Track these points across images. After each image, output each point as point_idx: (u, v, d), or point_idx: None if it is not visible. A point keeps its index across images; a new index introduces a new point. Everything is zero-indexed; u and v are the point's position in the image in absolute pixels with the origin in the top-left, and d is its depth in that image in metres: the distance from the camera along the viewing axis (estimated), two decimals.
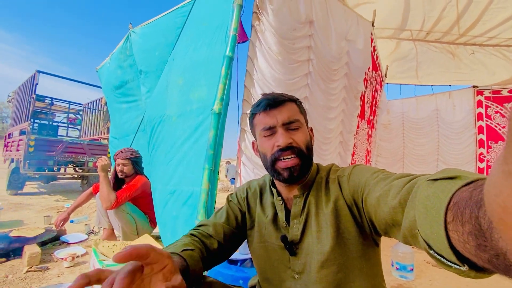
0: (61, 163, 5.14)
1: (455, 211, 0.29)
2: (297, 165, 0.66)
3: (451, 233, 0.30)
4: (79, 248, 2.17)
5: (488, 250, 0.24)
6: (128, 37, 2.67)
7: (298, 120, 0.69)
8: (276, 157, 0.67)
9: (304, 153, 0.67)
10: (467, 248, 0.27)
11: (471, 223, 0.26)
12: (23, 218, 3.24)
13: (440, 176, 0.36)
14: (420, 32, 3.24)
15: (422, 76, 4.59)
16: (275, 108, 0.69)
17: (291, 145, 0.66)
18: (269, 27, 1.68)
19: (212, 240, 0.71)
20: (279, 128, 0.68)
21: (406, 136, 5.31)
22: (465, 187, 0.31)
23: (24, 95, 5.58)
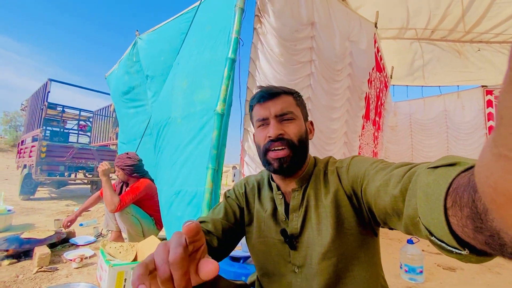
0: (72, 168, 5.26)
1: (454, 197, 0.29)
2: (287, 156, 0.67)
3: (451, 218, 0.30)
4: (87, 250, 2.21)
5: (484, 231, 0.24)
6: (135, 44, 2.75)
7: (291, 112, 0.70)
8: (267, 147, 0.68)
9: (295, 145, 0.68)
10: (465, 232, 0.28)
11: (469, 206, 0.26)
12: (35, 222, 3.32)
13: (440, 163, 0.37)
14: (425, 31, 3.22)
15: (429, 77, 4.54)
16: (269, 100, 0.70)
17: (281, 137, 0.67)
18: (270, 29, 1.71)
19: (212, 236, 0.72)
20: (272, 119, 0.69)
21: (414, 138, 5.24)
22: (464, 173, 0.31)
23: (37, 103, 5.76)
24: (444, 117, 4.87)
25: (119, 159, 2.28)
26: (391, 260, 2.34)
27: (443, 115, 4.88)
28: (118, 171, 2.28)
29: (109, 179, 2.10)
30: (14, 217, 3.08)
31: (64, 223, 2.35)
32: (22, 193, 4.86)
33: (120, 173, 2.28)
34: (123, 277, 1.54)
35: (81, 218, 3.60)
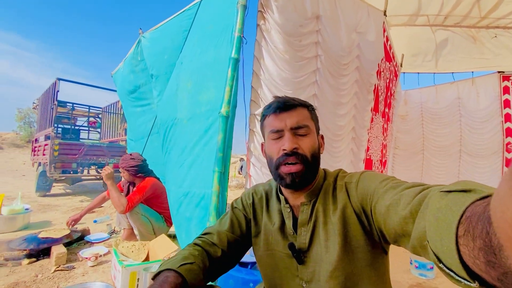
0: (84, 165, 5.40)
1: (467, 226, 0.28)
2: (300, 171, 0.65)
3: (461, 247, 0.29)
4: (101, 248, 2.29)
5: (497, 267, 0.23)
6: (139, 42, 2.73)
7: (307, 126, 0.68)
8: (280, 161, 0.67)
9: (308, 160, 0.66)
10: (477, 264, 0.26)
11: (482, 238, 0.25)
12: (51, 219, 3.45)
13: (454, 188, 0.35)
14: (438, 17, 3.06)
15: (442, 64, 4.36)
16: (285, 111, 0.69)
17: (296, 151, 0.66)
18: (274, 25, 1.66)
19: (216, 248, 0.73)
20: (287, 132, 0.67)
21: (426, 127, 5.09)
22: (479, 201, 0.30)
23: (47, 102, 5.88)
24: (458, 105, 4.69)
25: (123, 161, 2.32)
26: (402, 255, 2.33)
27: (457, 103, 4.71)
28: (123, 172, 2.32)
29: (114, 182, 2.14)
30: (32, 214, 3.21)
31: (69, 221, 2.43)
32: (38, 190, 5.04)
33: (125, 174, 2.32)
34: (136, 277, 1.59)
35: (94, 214, 3.72)
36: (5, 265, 1.89)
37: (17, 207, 2.90)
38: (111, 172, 2.15)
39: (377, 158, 3.41)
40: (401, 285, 1.88)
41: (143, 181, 2.28)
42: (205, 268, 0.66)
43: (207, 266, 0.68)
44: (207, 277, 0.67)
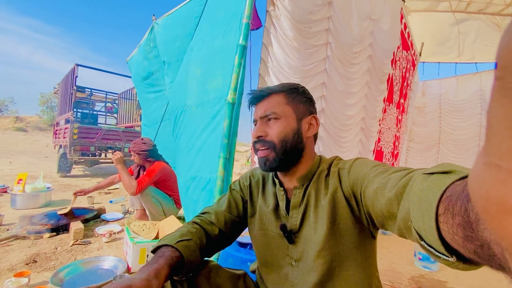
0: (101, 148, 5.63)
1: (447, 204, 0.30)
2: (268, 156, 0.69)
3: (441, 225, 0.31)
4: (116, 226, 2.43)
5: (473, 240, 0.25)
6: (152, 29, 2.76)
7: (274, 112, 0.70)
8: (255, 148, 0.73)
9: (275, 145, 0.69)
10: (455, 239, 0.28)
11: (461, 215, 0.26)
12: (71, 198, 3.65)
13: (435, 170, 0.37)
14: (460, 3, 2.89)
15: (464, 53, 4.13)
16: (258, 102, 0.74)
17: (262, 138, 0.70)
18: (284, 11, 1.64)
19: (214, 227, 0.77)
20: (259, 121, 0.73)
21: (443, 120, 4.90)
22: (459, 181, 0.31)
23: (67, 87, 6.10)
24: (479, 98, 4.46)
25: (135, 145, 2.42)
26: (407, 246, 2.33)
27: (478, 95, 4.48)
28: (134, 156, 2.42)
29: (124, 166, 2.25)
30: (53, 193, 3.42)
31: (77, 191, 2.52)
32: (59, 171, 5.32)
33: (136, 158, 2.42)
34: (146, 253, 1.70)
35: (110, 195, 3.91)
36: (28, 238, 2.05)
37: (39, 185, 3.10)
38: (121, 156, 2.26)
39: (389, 150, 3.35)
40: (404, 276, 1.89)
41: (152, 165, 2.38)
42: (201, 245, 0.71)
43: (204, 243, 0.72)
44: (203, 253, 0.72)
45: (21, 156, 9.87)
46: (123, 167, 2.23)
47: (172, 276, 0.63)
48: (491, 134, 0.14)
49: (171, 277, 0.62)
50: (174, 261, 0.61)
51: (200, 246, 0.70)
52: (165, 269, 0.58)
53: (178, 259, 0.62)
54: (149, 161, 2.44)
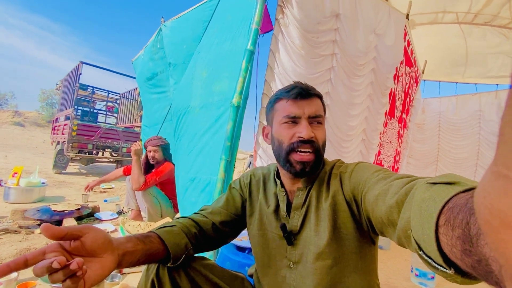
0: (99, 147, 5.60)
1: (448, 216, 0.30)
2: (311, 161, 0.66)
3: (441, 236, 0.30)
4: (109, 225, 2.39)
5: (472, 255, 0.24)
6: (160, 31, 2.80)
7: (321, 116, 0.70)
8: (294, 147, 0.66)
9: (320, 150, 0.68)
10: (453, 252, 0.28)
11: (461, 228, 0.26)
12: (65, 195, 3.61)
13: (439, 180, 0.37)
14: (467, 15, 2.92)
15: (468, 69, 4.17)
16: (305, 99, 0.68)
17: (312, 139, 0.66)
18: (293, 20, 1.67)
19: (207, 220, 0.76)
20: (304, 120, 0.67)
21: (442, 138, 4.94)
22: (463, 194, 0.31)
23: (70, 84, 6.12)
24: (478, 118, 4.53)
25: (158, 140, 2.41)
26: (403, 262, 2.30)
27: (477, 116, 4.54)
28: (155, 151, 2.39)
29: (139, 159, 2.24)
30: (47, 189, 3.38)
31: (89, 184, 2.62)
32: (55, 167, 5.27)
33: (159, 153, 2.40)
34: None
35: (105, 194, 3.86)
36: (19, 232, 2.01)
37: (34, 180, 3.06)
38: (140, 149, 2.26)
39: (389, 164, 3.35)
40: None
41: (163, 165, 2.36)
42: (190, 233, 0.70)
43: (193, 232, 0.72)
44: (196, 243, 0.71)
45: (16, 150, 9.78)
46: (138, 160, 2.24)
47: (161, 262, 0.65)
48: (501, 142, 0.13)
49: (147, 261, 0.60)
50: (149, 239, 0.60)
51: (187, 233, 0.70)
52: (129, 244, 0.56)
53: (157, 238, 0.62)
54: (163, 159, 2.44)
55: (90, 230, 0.48)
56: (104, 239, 0.49)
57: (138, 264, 0.57)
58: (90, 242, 0.47)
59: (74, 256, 0.46)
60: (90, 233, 0.48)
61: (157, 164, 2.44)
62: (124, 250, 0.53)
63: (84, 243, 0.47)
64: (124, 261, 0.53)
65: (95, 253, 0.48)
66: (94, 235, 0.48)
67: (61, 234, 0.44)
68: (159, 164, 2.42)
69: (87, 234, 0.47)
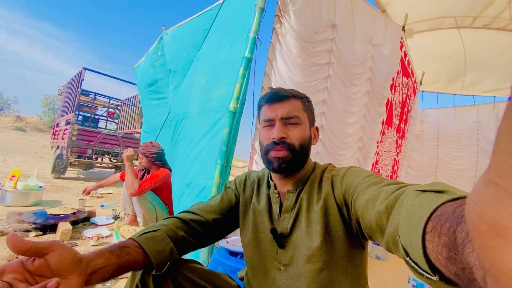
0: (99, 152, 5.60)
1: (436, 223, 0.30)
2: (287, 157, 0.69)
3: (427, 243, 0.31)
4: (104, 230, 2.37)
5: (457, 262, 0.25)
6: (161, 38, 2.86)
7: (297, 116, 0.71)
8: (269, 148, 0.71)
9: (296, 149, 0.69)
10: (438, 259, 0.29)
11: (448, 236, 0.27)
12: (62, 199, 3.59)
13: (428, 188, 0.38)
14: (466, 18, 2.95)
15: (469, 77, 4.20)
16: (278, 102, 0.72)
17: (284, 140, 0.69)
18: (290, 30, 1.71)
19: (200, 218, 0.76)
20: (277, 121, 0.71)
21: (441, 149, 4.96)
22: (451, 202, 0.32)
23: (72, 89, 6.18)
24: (476, 129, 4.55)
25: (144, 147, 2.43)
26: (400, 272, 2.27)
27: (475, 127, 4.57)
28: (142, 158, 2.42)
29: (132, 165, 2.26)
30: (45, 193, 3.37)
31: (86, 188, 2.62)
32: (53, 172, 5.26)
33: (144, 160, 2.42)
34: None
35: (102, 199, 3.85)
36: None
37: (31, 183, 3.06)
38: (132, 154, 2.28)
39: (387, 173, 3.35)
40: None
41: (158, 170, 2.38)
42: (175, 236, 0.69)
43: (180, 235, 0.70)
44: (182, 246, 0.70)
45: (16, 154, 9.78)
46: (131, 165, 2.25)
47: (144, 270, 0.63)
48: (496, 152, 0.13)
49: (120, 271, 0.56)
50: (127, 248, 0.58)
51: (173, 236, 0.67)
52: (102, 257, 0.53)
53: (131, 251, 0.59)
54: (156, 165, 2.45)
55: (57, 248, 0.45)
56: (72, 259, 0.46)
57: (112, 277, 0.54)
58: (55, 262, 0.43)
59: (36, 277, 0.42)
60: (57, 251, 0.44)
61: (151, 168, 2.46)
62: (93, 268, 0.50)
63: (48, 262, 0.43)
64: (93, 279, 0.50)
65: (60, 274, 0.44)
66: (61, 253, 0.44)
67: (25, 247, 0.40)
68: (154, 170, 2.43)
69: (54, 252, 0.44)
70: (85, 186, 2.70)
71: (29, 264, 0.42)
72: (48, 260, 0.43)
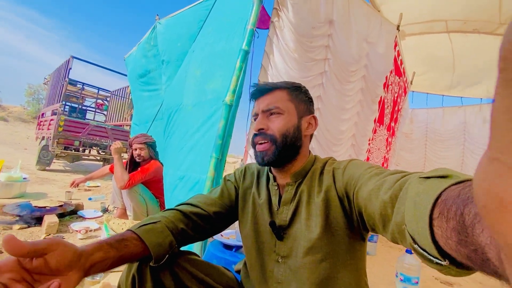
0: (86, 144, 5.45)
1: (442, 208, 0.30)
2: (268, 150, 0.68)
3: (435, 228, 0.31)
4: (93, 223, 2.31)
5: (468, 245, 0.25)
6: (154, 28, 2.78)
7: (277, 107, 0.71)
8: (253, 141, 0.72)
9: (276, 139, 0.69)
10: (448, 243, 0.28)
11: (456, 219, 0.26)
12: (47, 191, 3.48)
13: (432, 174, 0.37)
14: (456, 22, 3.02)
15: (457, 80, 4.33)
16: (260, 96, 0.74)
17: (263, 131, 0.70)
18: (288, 24, 1.70)
19: (200, 211, 0.75)
20: (260, 114, 0.73)
21: (429, 148, 5.09)
22: (455, 186, 0.31)
23: (58, 78, 5.97)
24: (463, 130, 4.69)
25: (144, 137, 2.37)
26: (388, 267, 2.33)
27: (462, 128, 4.71)
28: (142, 149, 2.34)
29: (120, 157, 2.20)
30: (29, 185, 3.25)
31: (73, 182, 2.54)
32: (38, 163, 5.09)
33: (145, 151, 2.35)
34: None
35: (90, 192, 3.76)
36: None
37: (15, 174, 2.94)
38: (120, 147, 2.22)
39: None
40: None
41: (149, 163, 2.32)
42: (175, 228, 0.68)
43: (180, 228, 0.69)
44: (181, 239, 0.69)
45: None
46: (120, 158, 2.19)
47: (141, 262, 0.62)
48: (493, 128, 0.14)
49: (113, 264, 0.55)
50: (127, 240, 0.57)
51: (173, 229, 0.67)
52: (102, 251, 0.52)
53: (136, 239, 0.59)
54: (150, 156, 2.40)
55: (57, 247, 0.43)
56: (72, 256, 0.45)
57: (111, 269, 0.54)
58: (55, 262, 0.42)
59: (34, 275, 0.41)
60: (57, 250, 0.43)
61: (143, 162, 2.40)
62: (92, 262, 0.49)
63: (48, 262, 0.42)
64: (91, 272, 0.49)
65: (59, 272, 0.43)
66: (62, 253, 0.43)
67: (24, 250, 0.39)
68: (145, 162, 2.38)
69: (54, 252, 0.42)
70: (73, 179, 2.62)
71: (27, 263, 0.41)
72: (47, 259, 0.42)
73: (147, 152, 2.36)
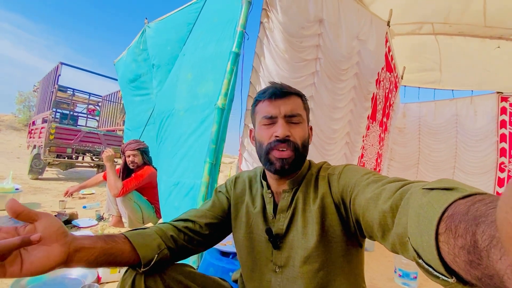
0: (79, 151, 5.37)
1: (449, 224, 0.29)
2: (290, 158, 0.66)
3: (441, 244, 0.29)
4: (88, 232, 2.28)
5: (481, 268, 0.23)
6: (144, 32, 2.75)
7: (300, 115, 0.69)
8: (272, 146, 0.67)
9: (299, 148, 0.68)
10: (456, 261, 0.27)
11: (465, 238, 0.25)
12: (41, 201, 3.42)
13: (436, 185, 0.36)
14: (443, 25, 3.07)
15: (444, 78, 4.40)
16: (280, 98, 0.68)
17: (288, 138, 0.66)
18: (277, 24, 1.68)
19: (191, 224, 0.74)
20: (280, 119, 0.68)
21: (422, 141, 5.13)
22: (462, 200, 0.30)
23: (48, 85, 5.86)
24: (455, 122, 4.75)
25: (138, 143, 2.33)
26: (386, 263, 2.34)
27: (454, 120, 4.76)
28: (136, 155, 2.31)
29: (113, 165, 2.17)
30: (22, 195, 3.18)
31: (68, 189, 2.52)
32: (30, 173, 5.00)
33: (139, 157, 2.33)
34: None
35: (85, 200, 3.71)
36: None
37: (7, 186, 2.88)
38: (111, 154, 2.19)
39: (371, 166, 3.43)
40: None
41: (142, 169, 2.29)
42: (164, 235, 0.68)
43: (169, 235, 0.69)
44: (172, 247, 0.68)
45: None
46: (112, 165, 2.16)
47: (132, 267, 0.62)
48: None
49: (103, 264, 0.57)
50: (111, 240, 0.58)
51: (162, 235, 0.67)
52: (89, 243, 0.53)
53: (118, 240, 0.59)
54: (144, 162, 2.37)
55: (46, 217, 0.48)
56: (58, 229, 0.48)
57: (97, 264, 0.54)
58: (42, 228, 0.46)
59: None
60: (46, 219, 0.47)
61: (137, 168, 2.37)
62: (79, 245, 0.50)
63: (37, 228, 0.46)
64: (77, 257, 0.50)
65: (45, 241, 0.46)
66: (49, 222, 0.47)
67: (19, 210, 0.45)
68: (139, 168, 2.35)
69: (42, 219, 0.47)
70: (67, 188, 2.58)
71: (21, 229, 0.45)
72: (36, 226, 0.46)
73: (140, 158, 2.33)
